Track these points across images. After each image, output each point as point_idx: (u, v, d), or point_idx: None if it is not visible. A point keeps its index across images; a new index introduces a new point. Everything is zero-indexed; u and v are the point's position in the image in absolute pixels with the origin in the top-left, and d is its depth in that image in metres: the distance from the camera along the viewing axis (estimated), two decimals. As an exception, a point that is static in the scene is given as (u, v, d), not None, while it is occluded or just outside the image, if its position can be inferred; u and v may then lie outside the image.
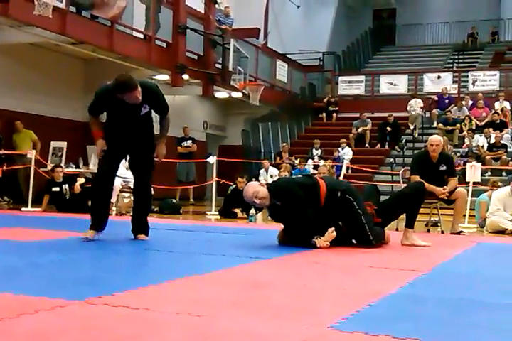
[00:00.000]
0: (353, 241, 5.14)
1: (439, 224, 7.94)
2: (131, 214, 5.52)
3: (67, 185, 9.51)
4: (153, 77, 14.73)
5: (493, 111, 17.06)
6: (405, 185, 7.75)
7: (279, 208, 4.95)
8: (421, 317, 2.53)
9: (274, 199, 4.89)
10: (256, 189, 4.91)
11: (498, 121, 16.39)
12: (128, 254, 4.26)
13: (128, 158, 5.24)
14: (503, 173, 14.05)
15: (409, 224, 5.37)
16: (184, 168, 13.36)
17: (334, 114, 19.42)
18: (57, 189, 9.52)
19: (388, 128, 17.28)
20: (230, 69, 14.46)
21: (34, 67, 12.41)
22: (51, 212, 9.15)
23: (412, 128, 17.72)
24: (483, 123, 16.78)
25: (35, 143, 11.41)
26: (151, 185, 5.43)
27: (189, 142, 13.74)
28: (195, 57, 14.55)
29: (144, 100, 4.91)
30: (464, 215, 8.58)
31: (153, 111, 5.18)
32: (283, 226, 5.02)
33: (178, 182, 13.32)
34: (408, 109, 18.18)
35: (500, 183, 10.04)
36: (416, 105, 18.19)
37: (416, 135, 17.37)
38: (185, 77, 13.90)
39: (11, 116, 11.81)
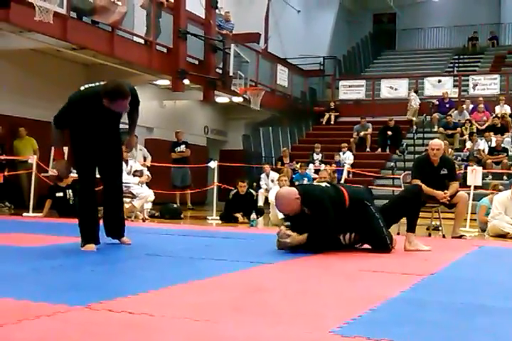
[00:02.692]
0: (368, 246, 5.15)
1: (440, 228, 7.93)
2: (132, 219, 5.50)
3: (70, 190, 9.50)
4: (154, 82, 14.78)
5: (493, 115, 17.08)
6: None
7: (303, 215, 4.91)
8: (423, 321, 2.53)
9: (304, 207, 4.86)
10: (289, 207, 4.87)
11: (499, 125, 16.40)
12: (129, 259, 4.26)
13: (101, 164, 4.97)
14: (504, 177, 14.04)
15: (411, 228, 5.34)
16: (179, 173, 13.33)
17: (333, 118, 19.42)
18: (60, 194, 9.52)
19: (389, 133, 17.30)
20: (231, 74, 14.48)
21: (35, 72, 12.44)
22: (52, 218, 9.15)
23: (414, 123, 17.89)
24: (483, 127, 16.80)
25: (35, 152, 11.41)
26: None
27: (182, 147, 13.67)
28: (196, 62, 14.58)
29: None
30: (465, 219, 8.57)
31: None
32: (281, 232, 4.94)
33: (173, 188, 13.30)
34: (408, 104, 18.29)
35: (501, 187, 10.05)
36: (416, 99, 18.35)
37: (414, 129, 17.46)
38: (186, 82, 13.92)
39: (13, 122, 11.82)
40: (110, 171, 5.00)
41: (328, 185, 5.15)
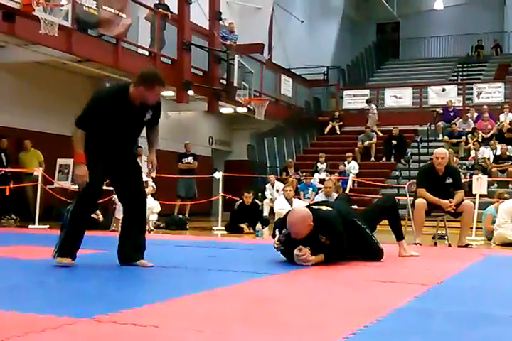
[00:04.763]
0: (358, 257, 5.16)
1: (446, 237, 7.91)
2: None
3: None
4: (159, 94, 14.81)
5: (498, 124, 17.06)
6: (411, 198, 7.77)
7: (311, 239, 4.84)
8: (429, 331, 2.52)
9: (318, 233, 4.78)
10: (300, 230, 4.78)
11: (504, 133, 16.37)
12: (134, 271, 4.26)
13: (113, 169, 4.50)
14: (510, 185, 14.01)
15: (400, 236, 5.60)
16: (184, 184, 13.35)
17: (337, 127, 19.42)
18: None
19: (393, 142, 17.29)
20: (235, 84, 14.53)
21: (41, 85, 12.50)
22: (58, 230, 9.14)
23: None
24: (488, 135, 16.78)
25: (40, 164, 11.43)
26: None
27: (190, 158, 13.70)
28: (200, 73, 14.63)
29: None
30: (471, 228, 8.54)
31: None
32: (304, 257, 4.88)
33: (178, 198, 13.31)
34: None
35: (506, 195, 10.01)
36: (373, 109, 18.66)
37: (419, 138, 17.41)
38: (191, 93, 13.97)
39: (18, 134, 11.87)
40: (132, 185, 4.52)
41: (330, 209, 5.12)
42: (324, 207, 5.14)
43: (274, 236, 5.11)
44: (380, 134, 18.10)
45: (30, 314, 2.63)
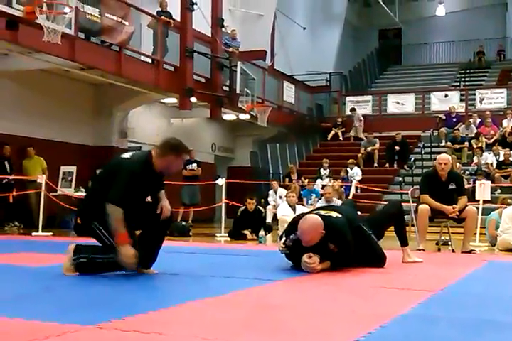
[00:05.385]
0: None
1: (449, 243, 7.89)
2: None
3: None
4: (162, 101, 14.86)
5: (501, 129, 17.05)
6: (414, 204, 7.76)
7: (320, 246, 4.83)
8: (433, 338, 2.52)
9: (327, 240, 4.77)
10: (313, 238, 4.74)
11: (507, 138, 16.37)
12: (137, 278, 4.25)
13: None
14: (513, 191, 13.99)
15: (405, 242, 5.64)
16: (188, 191, 13.35)
17: (340, 133, 19.45)
18: None
19: (396, 148, 17.29)
20: (238, 91, 14.55)
21: (44, 92, 12.54)
22: (62, 237, 9.17)
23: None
24: (491, 141, 16.77)
25: (44, 171, 11.45)
26: None
27: (194, 165, 13.71)
28: (203, 80, 14.66)
29: None
30: (475, 234, 8.53)
31: None
32: (313, 266, 4.78)
33: (182, 205, 13.31)
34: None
35: (510, 201, 10.00)
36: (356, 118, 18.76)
37: (422, 144, 17.39)
38: (193, 99, 14.00)
39: (21, 142, 11.90)
40: (152, 219, 4.49)
41: (340, 216, 5.09)
42: (334, 214, 5.08)
43: (281, 238, 5.09)
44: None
45: (34, 321, 2.63)
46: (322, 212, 5.11)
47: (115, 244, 4.20)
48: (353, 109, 19.26)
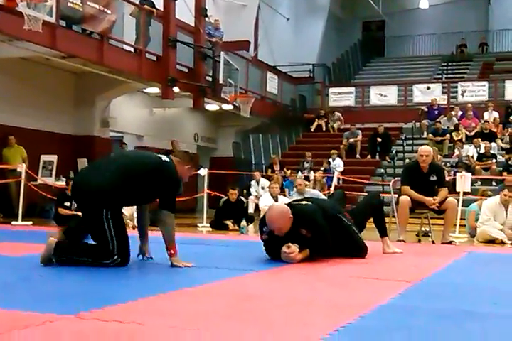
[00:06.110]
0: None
1: (429, 234, 7.96)
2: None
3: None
4: (144, 90, 14.77)
5: (482, 121, 17.18)
6: (396, 195, 7.81)
7: (292, 234, 4.82)
8: (412, 328, 2.53)
9: (298, 227, 4.78)
10: (282, 225, 4.75)
11: (488, 131, 16.50)
12: (117, 268, 4.23)
13: None
14: (493, 183, 14.11)
15: (385, 233, 5.72)
16: None
17: (323, 125, 19.47)
18: (67, 204, 9.40)
19: (378, 139, 17.35)
20: (221, 81, 14.50)
21: (25, 81, 12.40)
22: (41, 226, 9.10)
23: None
24: (472, 133, 16.89)
25: (24, 160, 11.35)
26: None
27: None
28: (186, 70, 14.58)
29: None
30: (455, 225, 8.61)
31: None
32: (292, 255, 4.79)
33: None
34: None
35: (490, 193, 10.10)
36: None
37: (404, 136, 17.49)
38: (176, 89, 13.92)
39: (2, 130, 11.77)
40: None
41: (309, 203, 5.16)
42: (303, 202, 5.21)
43: (260, 229, 5.11)
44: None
45: (14, 311, 2.61)
46: (292, 202, 5.22)
47: (116, 250, 4.20)
48: (332, 111, 19.28)
